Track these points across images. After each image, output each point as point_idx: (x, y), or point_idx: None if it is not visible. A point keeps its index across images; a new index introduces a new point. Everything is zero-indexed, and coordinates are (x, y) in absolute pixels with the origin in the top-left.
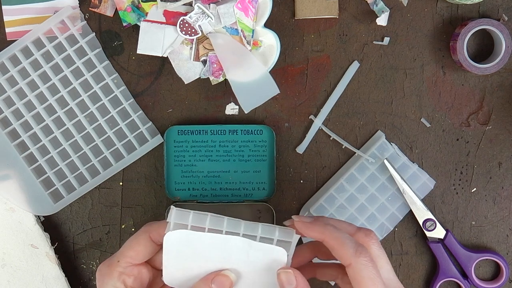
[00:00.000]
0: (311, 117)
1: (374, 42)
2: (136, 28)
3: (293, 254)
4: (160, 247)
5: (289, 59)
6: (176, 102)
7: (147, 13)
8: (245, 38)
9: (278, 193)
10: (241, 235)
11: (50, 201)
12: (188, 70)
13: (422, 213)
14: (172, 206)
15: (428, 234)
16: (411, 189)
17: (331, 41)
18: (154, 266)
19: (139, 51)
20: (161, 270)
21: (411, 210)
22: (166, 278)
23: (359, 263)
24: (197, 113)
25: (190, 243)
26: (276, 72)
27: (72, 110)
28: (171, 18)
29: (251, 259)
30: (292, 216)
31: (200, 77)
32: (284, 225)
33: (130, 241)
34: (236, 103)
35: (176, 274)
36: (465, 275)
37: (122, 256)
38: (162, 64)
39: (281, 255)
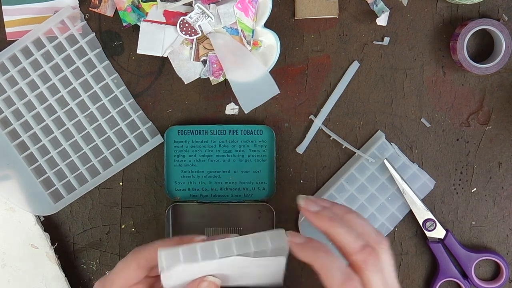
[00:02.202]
0: (311, 117)
1: (374, 42)
2: (136, 28)
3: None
4: (150, 269)
5: (289, 59)
6: (176, 102)
7: (147, 13)
8: (245, 38)
9: (278, 193)
10: (235, 255)
11: (50, 201)
12: (188, 70)
13: (422, 213)
14: (159, 250)
15: (428, 234)
16: (411, 189)
17: (331, 41)
18: (149, 275)
19: (139, 51)
20: (159, 276)
21: (411, 210)
22: None
23: None
24: (197, 113)
25: (188, 274)
26: (276, 72)
27: (72, 110)
28: (171, 18)
29: (251, 271)
30: (287, 232)
31: (200, 77)
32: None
33: (120, 266)
34: (236, 103)
35: None
36: (465, 275)
37: (113, 282)
38: (162, 64)
39: (281, 261)
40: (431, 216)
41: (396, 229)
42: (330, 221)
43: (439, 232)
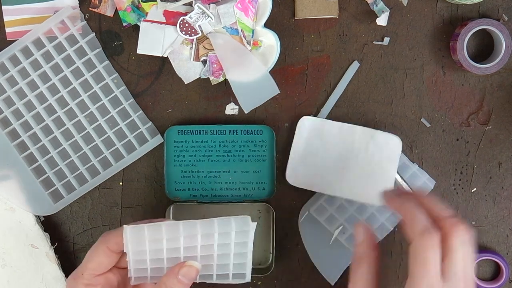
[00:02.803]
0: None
1: (374, 42)
2: (136, 28)
3: None
4: (120, 254)
5: (289, 59)
6: (176, 102)
7: (147, 13)
8: (245, 38)
9: (278, 193)
10: (199, 236)
11: (50, 201)
12: (188, 70)
13: None
14: (125, 226)
15: None
16: (411, 189)
17: (331, 41)
18: (120, 267)
19: (139, 51)
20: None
21: None
22: (134, 280)
23: (420, 244)
24: (197, 113)
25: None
26: (276, 72)
27: (72, 110)
28: (171, 18)
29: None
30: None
31: (200, 77)
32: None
33: (90, 252)
34: (236, 103)
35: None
36: None
37: (85, 269)
38: (162, 64)
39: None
40: None
41: (396, 229)
42: (416, 198)
43: None
